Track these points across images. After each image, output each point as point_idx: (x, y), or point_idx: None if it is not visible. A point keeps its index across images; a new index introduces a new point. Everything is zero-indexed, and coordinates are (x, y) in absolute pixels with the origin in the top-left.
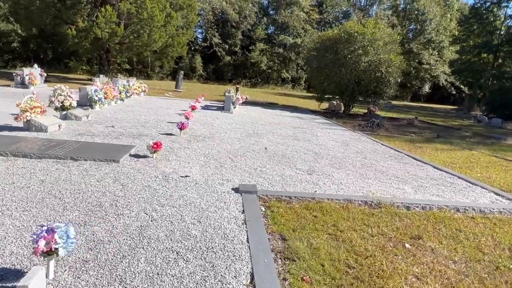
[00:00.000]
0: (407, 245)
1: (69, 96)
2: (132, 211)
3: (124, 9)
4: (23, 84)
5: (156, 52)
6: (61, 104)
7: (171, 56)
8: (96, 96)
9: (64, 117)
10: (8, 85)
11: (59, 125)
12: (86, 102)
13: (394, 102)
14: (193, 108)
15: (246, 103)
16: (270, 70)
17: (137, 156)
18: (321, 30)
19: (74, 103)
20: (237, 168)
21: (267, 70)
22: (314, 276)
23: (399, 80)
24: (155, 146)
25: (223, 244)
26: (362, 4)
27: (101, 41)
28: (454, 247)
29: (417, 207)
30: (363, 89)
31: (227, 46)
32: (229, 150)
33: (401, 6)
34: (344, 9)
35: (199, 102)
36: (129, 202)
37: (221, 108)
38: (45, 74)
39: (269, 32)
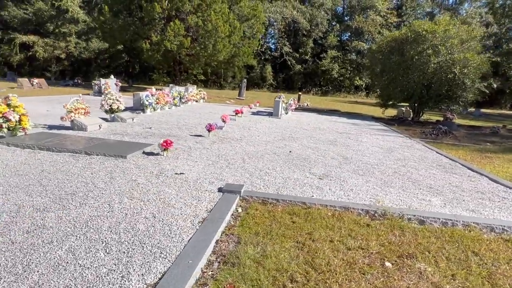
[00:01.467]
0: (387, 264)
1: (117, 100)
2: (98, 202)
3: (191, 22)
4: (99, 93)
5: (223, 62)
6: (109, 107)
7: (238, 66)
8: (147, 101)
9: (112, 119)
10: (88, 94)
11: (99, 125)
12: (139, 107)
13: (484, 110)
14: (237, 112)
15: (305, 109)
16: (342, 77)
17: (150, 154)
18: None
19: (122, 107)
20: (242, 169)
21: (339, 78)
22: (240, 286)
23: (478, 82)
24: (165, 144)
25: (159, 240)
26: (450, 3)
27: (171, 53)
28: (454, 272)
29: (435, 222)
30: (433, 93)
31: (297, 55)
32: (248, 152)
33: (500, 2)
34: (428, 9)
35: (250, 108)
36: (102, 193)
37: (271, 114)
38: (120, 84)
39: (342, 38)
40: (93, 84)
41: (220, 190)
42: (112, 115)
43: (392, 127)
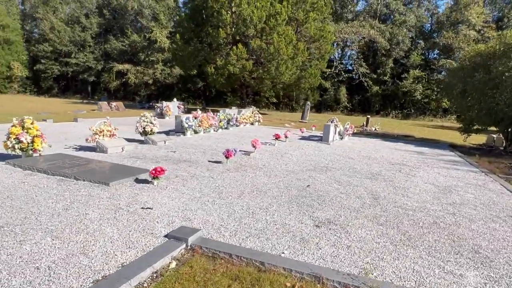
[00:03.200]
0: None
1: (151, 123)
2: (15, 239)
3: (254, 45)
4: (161, 115)
5: (289, 85)
6: (143, 129)
7: (305, 88)
8: (187, 123)
9: (144, 142)
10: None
11: (122, 148)
12: (181, 129)
13: None
14: (277, 137)
15: (370, 134)
16: (427, 99)
17: (142, 181)
18: None
19: (156, 129)
20: (226, 207)
21: (423, 100)
22: None
23: None
24: (154, 172)
25: None
26: None
27: (234, 76)
28: None
29: None
30: None
31: (375, 76)
32: (256, 185)
33: None
34: None
35: (302, 132)
36: (33, 228)
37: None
38: (182, 107)
39: (428, 56)
40: (155, 107)
41: (166, 235)
42: (145, 137)
43: (470, 158)
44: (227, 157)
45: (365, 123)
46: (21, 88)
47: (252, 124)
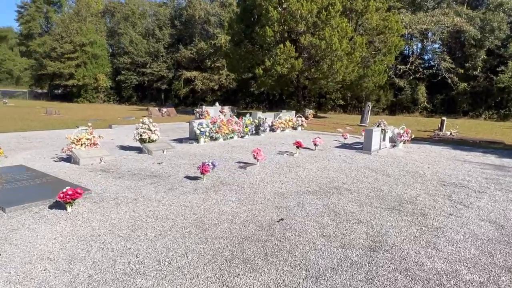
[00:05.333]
0: None
1: (149, 130)
2: None
3: (304, 42)
4: (200, 119)
5: (347, 84)
6: (140, 137)
7: (366, 87)
8: (199, 129)
9: (140, 150)
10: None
11: (100, 159)
12: (195, 136)
13: None
14: (299, 145)
15: (442, 141)
16: None
17: (58, 206)
18: None
19: (155, 137)
20: (106, 261)
21: None
22: None
23: None
24: (61, 196)
25: None
26: None
27: (284, 78)
28: None
29: None
30: None
31: (461, 71)
32: (209, 215)
33: None
34: None
35: (345, 138)
36: None
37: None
38: (225, 112)
39: None
40: (195, 111)
41: None
42: (143, 146)
43: None
44: (202, 173)
45: (439, 126)
46: (106, 98)
47: (295, 129)
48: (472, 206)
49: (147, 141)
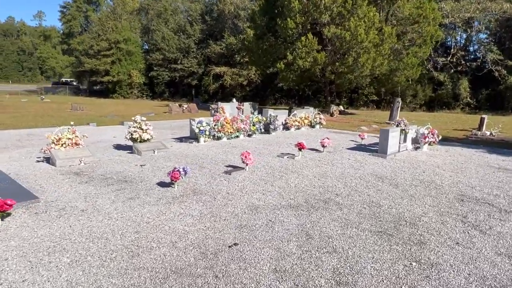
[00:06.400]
0: None
1: (140, 129)
2: None
3: (328, 34)
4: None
5: (380, 79)
6: (130, 136)
7: (398, 82)
8: (198, 128)
9: (131, 150)
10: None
11: (80, 160)
12: (195, 135)
13: None
14: (301, 147)
15: (478, 142)
16: None
17: None
18: None
19: (147, 136)
20: None
21: None
22: None
23: None
24: None
25: None
26: None
27: (308, 72)
28: None
29: None
30: None
31: (511, 63)
32: (125, 241)
33: None
34: None
35: (362, 138)
36: None
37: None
38: (243, 107)
39: None
40: (210, 108)
41: None
42: (133, 145)
43: None
44: (172, 180)
45: (479, 124)
46: (139, 93)
47: (312, 126)
48: (490, 232)
49: (138, 140)
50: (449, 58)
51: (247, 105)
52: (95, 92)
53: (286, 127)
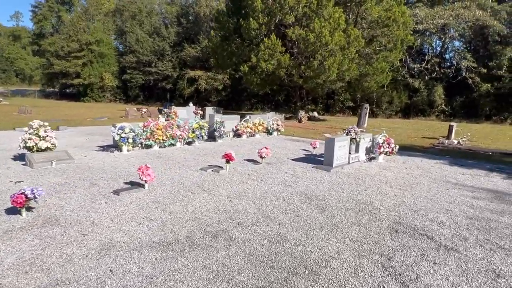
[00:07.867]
0: None
1: (36, 135)
2: None
3: (292, 35)
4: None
5: (349, 84)
6: (24, 145)
7: (367, 87)
8: (119, 135)
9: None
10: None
11: None
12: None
13: None
14: (228, 159)
15: (443, 151)
16: None
17: None
18: None
19: (44, 145)
20: None
21: None
22: None
23: None
24: None
25: None
26: None
27: (273, 76)
28: None
29: None
30: None
31: (484, 70)
32: None
33: None
34: None
35: (314, 147)
36: None
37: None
38: (201, 112)
39: None
40: (163, 112)
41: None
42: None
43: None
44: (15, 206)
45: (449, 133)
46: (112, 97)
47: (269, 133)
48: (414, 286)
49: (34, 149)
50: (423, 65)
51: (210, 110)
52: (66, 95)
53: (237, 134)
